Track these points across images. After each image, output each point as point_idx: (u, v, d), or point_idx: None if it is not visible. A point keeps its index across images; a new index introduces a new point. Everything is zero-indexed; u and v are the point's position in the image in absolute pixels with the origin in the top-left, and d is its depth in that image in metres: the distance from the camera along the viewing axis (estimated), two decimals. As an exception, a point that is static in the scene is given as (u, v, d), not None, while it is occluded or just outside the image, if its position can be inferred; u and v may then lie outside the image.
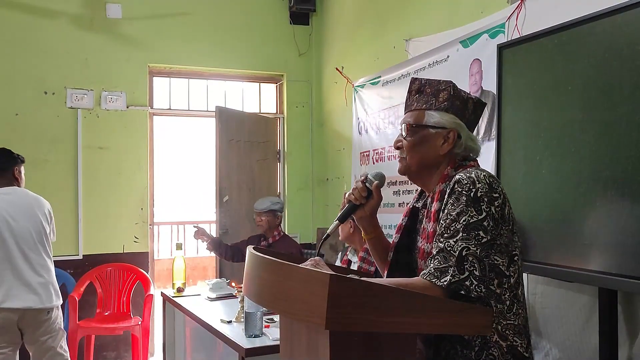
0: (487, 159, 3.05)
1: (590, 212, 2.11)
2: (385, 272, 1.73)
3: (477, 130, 3.14)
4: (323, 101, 5.57)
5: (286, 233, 4.20)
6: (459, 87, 1.65)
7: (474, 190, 1.45)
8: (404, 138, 1.65)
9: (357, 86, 4.68)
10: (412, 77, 1.73)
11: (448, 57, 3.47)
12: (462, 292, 1.39)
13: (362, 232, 1.81)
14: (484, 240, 1.43)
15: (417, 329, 1.30)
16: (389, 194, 3.94)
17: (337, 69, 5.03)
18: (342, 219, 1.70)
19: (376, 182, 1.69)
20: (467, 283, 1.40)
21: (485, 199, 1.45)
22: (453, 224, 1.45)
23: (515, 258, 1.52)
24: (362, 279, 1.34)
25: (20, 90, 4.76)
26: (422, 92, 1.66)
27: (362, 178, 1.71)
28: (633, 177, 1.93)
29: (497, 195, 1.47)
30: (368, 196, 1.70)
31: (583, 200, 2.15)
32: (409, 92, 1.70)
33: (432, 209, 1.56)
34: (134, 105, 5.07)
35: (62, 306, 3.43)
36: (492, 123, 3.01)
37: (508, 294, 1.49)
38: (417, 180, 1.71)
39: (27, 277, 3.05)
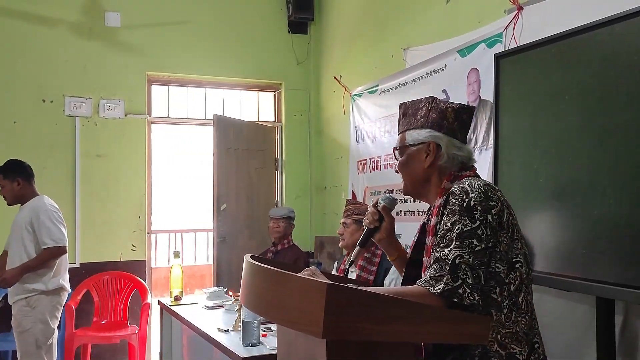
0: (483, 168, 3.05)
1: (588, 221, 2.11)
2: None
3: (474, 139, 3.16)
4: (321, 110, 5.58)
5: (294, 243, 4.20)
6: (439, 99, 1.74)
7: (466, 199, 1.49)
8: (398, 162, 1.77)
9: (355, 95, 4.70)
10: (400, 103, 1.83)
11: (446, 66, 3.48)
12: (455, 299, 1.41)
13: (387, 256, 1.91)
14: (478, 248, 1.45)
15: (414, 338, 1.30)
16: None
17: (335, 77, 5.05)
18: (363, 244, 1.84)
19: (382, 204, 1.80)
20: (460, 291, 1.42)
21: (479, 208, 1.48)
22: (448, 234, 1.48)
23: (518, 265, 1.53)
24: (359, 287, 1.34)
25: (19, 98, 4.77)
26: (406, 115, 1.77)
27: (374, 202, 1.84)
28: (630, 185, 1.94)
29: (493, 203, 1.50)
30: (381, 219, 1.81)
31: (580, 208, 2.15)
32: (398, 117, 1.82)
33: (431, 224, 1.61)
34: (132, 113, 5.08)
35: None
36: (489, 132, 3.02)
37: (507, 302, 1.50)
38: (419, 197, 1.80)
39: None
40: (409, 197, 1.96)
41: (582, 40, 2.19)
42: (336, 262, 3.85)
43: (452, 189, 1.55)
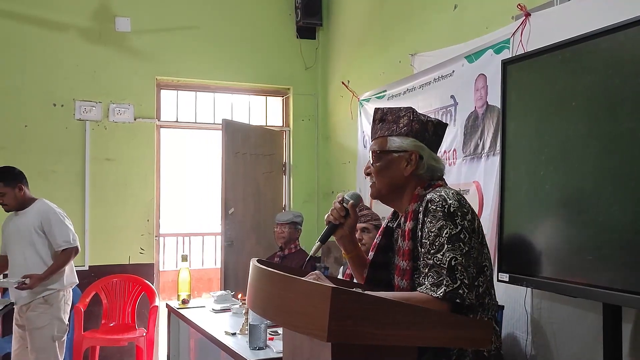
0: (491, 174, 3.06)
1: (594, 227, 2.11)
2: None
3: (482, 145, 3.16)
4: (329, 114, 5.60)
5: (302, 247, 4.22)
6: (419, 112, 1.77)
7: (446, 206, 1.55)
8: (372, 165, 1.77)
9: (363, 100, 4.71)
10: (375, 108, 1.84)
11: (453, 72, 3.49)
12: (458, 300, 1.45)
13: (343, 252, 1.90)
14: (465, 250, 1.52)
15: (418, 342, 1.31)
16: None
17: (343, 82, 5.06)
18: (324, 240, 1.80)
19: (351, 201, 1.80)
20: (460, 291, 1.47)
21: (459, 213, 1.55)
22: (437, 239, 1.53)
23: (485, 269, 1.61)
24: (364, 292, 1.35)
25: (30, 102, 4.82)
26: (384, 120, 1.78)
27: (339, 199, 1.83)
28: (636, 191, 1.94)
29: (466, 210, 1.57)
30: (346, 216, 1.81)
31: (586, 214, 2.15)
32: (373, 121, 1.82)
33: (406, 228, 1.65)
34: (142, 117, 5.12)
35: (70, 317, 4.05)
36: (496, 138, 3.02)
37: (476, 303, 1.56)
38: (388, 202, 1.82)
39: None
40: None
41: (589, 47, 2.19)
42: (342, 266, 3.86)
43: (429, 196, 1.60)
